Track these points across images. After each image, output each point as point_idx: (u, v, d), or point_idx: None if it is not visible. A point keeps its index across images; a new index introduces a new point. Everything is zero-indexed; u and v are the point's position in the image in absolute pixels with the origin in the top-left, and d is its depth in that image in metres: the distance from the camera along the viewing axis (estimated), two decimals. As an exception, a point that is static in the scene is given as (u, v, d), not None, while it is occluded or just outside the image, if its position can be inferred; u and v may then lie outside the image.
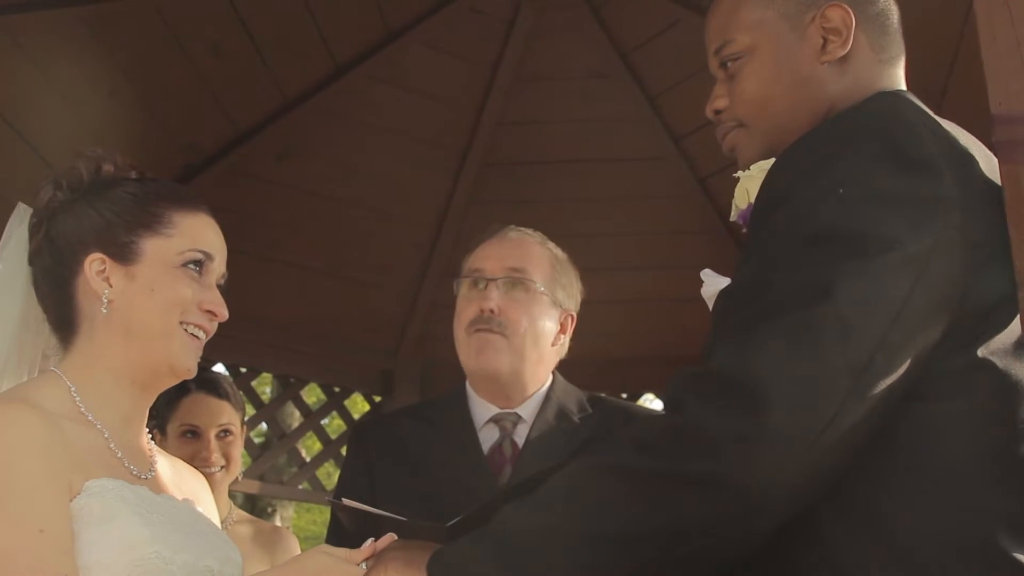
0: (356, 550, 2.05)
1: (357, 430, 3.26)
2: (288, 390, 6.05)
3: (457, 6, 4.89)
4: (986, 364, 1.77)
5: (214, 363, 5.68)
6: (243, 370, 5.75)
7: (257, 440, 6.30)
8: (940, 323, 1.74)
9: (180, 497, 2.25)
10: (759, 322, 1.70)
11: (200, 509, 2.29)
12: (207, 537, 2.17)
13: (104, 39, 4.20)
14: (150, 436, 2.30)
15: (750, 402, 1.64)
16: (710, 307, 1.98)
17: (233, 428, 3.79)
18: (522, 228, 3.06)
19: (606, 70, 5.10)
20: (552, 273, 2.99)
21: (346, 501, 2.36)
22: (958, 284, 1.74)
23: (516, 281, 2.94)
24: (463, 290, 3.01)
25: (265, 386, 9.18)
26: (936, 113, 1.92)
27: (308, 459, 6.04)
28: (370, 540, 2.06)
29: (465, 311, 2.98)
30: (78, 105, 4.35)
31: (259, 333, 5.41)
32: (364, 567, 2.02)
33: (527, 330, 2.92)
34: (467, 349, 2.96)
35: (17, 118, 4.22)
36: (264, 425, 6.41)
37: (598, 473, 1.76)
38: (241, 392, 5.67)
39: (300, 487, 5.99)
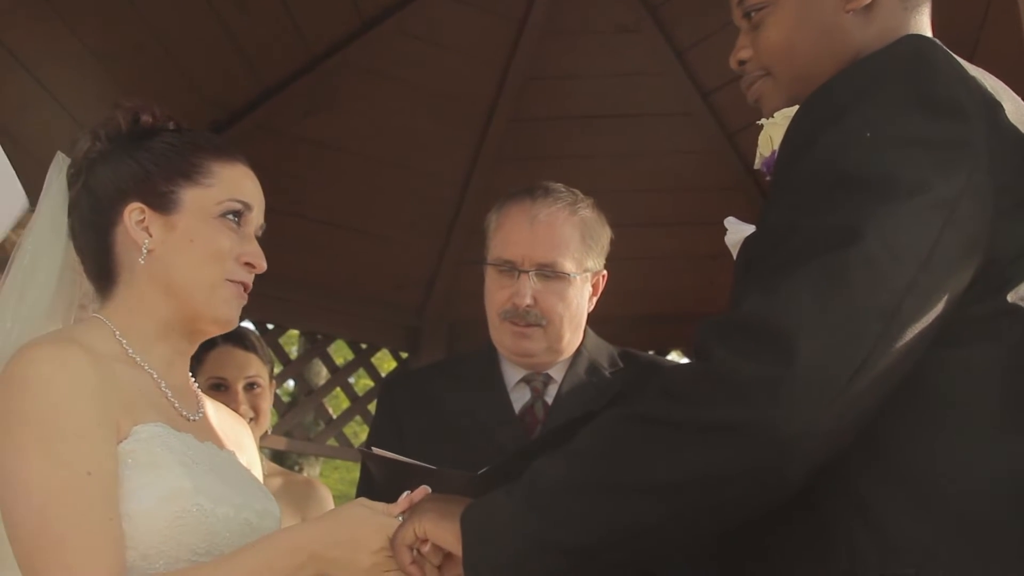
0: (393, 504, 2.05)
1: (386, 386, 3.25)
2: (315, 347, 6.07)
3: (485, -40, 4.87)
4: (1015, 309, 1.76)
5: (241, 320, 5.71)
6: (270, 327, 5.78)
7: (285, 399, 6.32)
8: (969, 268, 1.72)
9: (225, 443, 2.27)
10: (787, 267, 1.69)
11: (242, 458, 2.30)
12: (247, 489, 2.18)
13: (132, -6, 4.20)
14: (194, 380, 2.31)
15: (779, 347, 1.63)
16: (734, 255, 1.97)
17: (261, 380, 3.79)
18: (549, 191, 2.95)
19: (634, 24, 5.07)
20: (583, 246, 2.93)
21: (376, 450, 2.37)
22: (987, 229, 1.72)
23: (548, 274, 2.89)
24: (492, 273, 2.96)
25: (292, 345, 9.21)
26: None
27: (335, 416, 6.07)
28: (406, 493, 2.06)
29: (496, 295, 2.94)
30: (105, 60, 4.35)
31: (286, 290, 5.42)
32: (400, 519, 2.01)
33: (563, 315, 2.91)
34: (501, 335, 2.94)
35: (44, 74, 4.23)
36: (291, 382, 6.42)
37: (629, 423, 1.76)
38: (269, 349, 5.72)
39: (327, 444, 6.03)
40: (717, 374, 1.68)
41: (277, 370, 5.78)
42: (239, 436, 2.38)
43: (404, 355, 6.07)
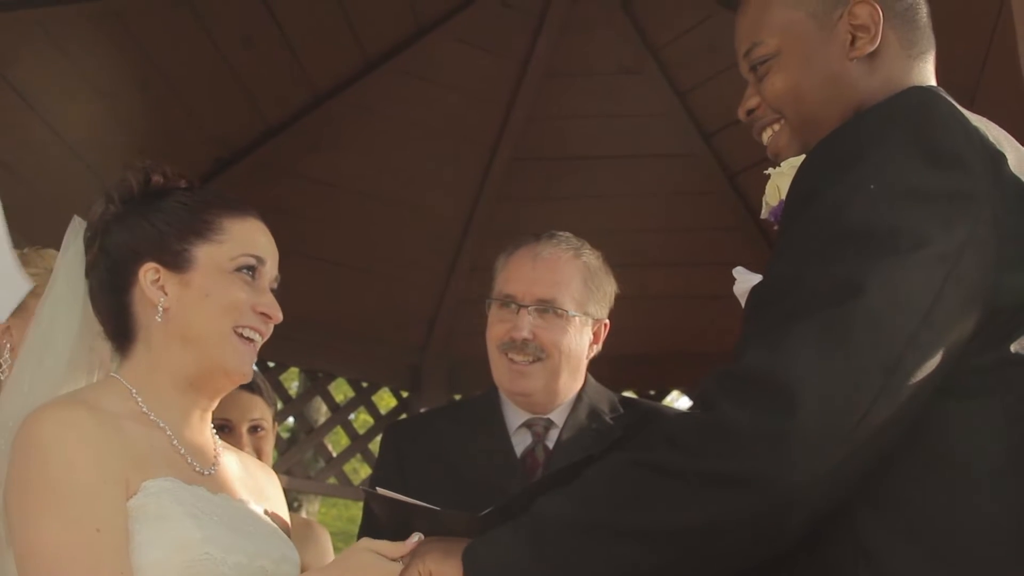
0: (400, 543, 2.06)
1: (390, 429, 3.25)
2: (315, 385, 6.06)
3: (488, 1, 4.89)
4: (1018, 359, 1.76)
5: (243, 357, 5.70)
6: (271, 364, 5.77)
7: (284, 435, 6.31)
8: (971, 319, 1.72)
9: (243, 493, 2.27)
10: (791, 320, 1.70)
11: (262, 506, 2.31)
12: (262, 537, 2.19)
13: (136, 32, 4.22)
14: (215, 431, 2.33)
15: (782, 401, 1.64)
16: (743, 304, 1.97)
17: (265, 423, 3.78)
18: (556, 236, 3.00)
19: (636, 66, 5.10)
20: (585, 290, 2.96)
21: (380, 490, 2.36)
22: (990, 280, 1.72)
23: (547, 310, 2.92)
24: (494, 309, 2.98)
25: (292, 381, 9.20)
26: (968, 110, 1.91)
27: (335, 454, 6.05)
28: (416, 535, 2.07)
29: (496, 329, 2.96)
30: (110, 98, 4.38)
31: (287, 328, 5.35)
32: (402, 563, 2.02)
33: (561, 353, 2.91)
34: (500, 370, 2.96)
35: (48, 112, 4.25)
36: (291, 420, 6.42)
37: (632, 469, 1.77)
38: (271, 390, 5.71)
39: (327, 482, 6.01)
40: (720, 426, 1.69)
41: (278, 408, 5.78)
42: (261, 484, 2.39)
43: (404, 394, 6.07)
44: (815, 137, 1.90)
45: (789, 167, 1.98)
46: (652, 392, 5.82)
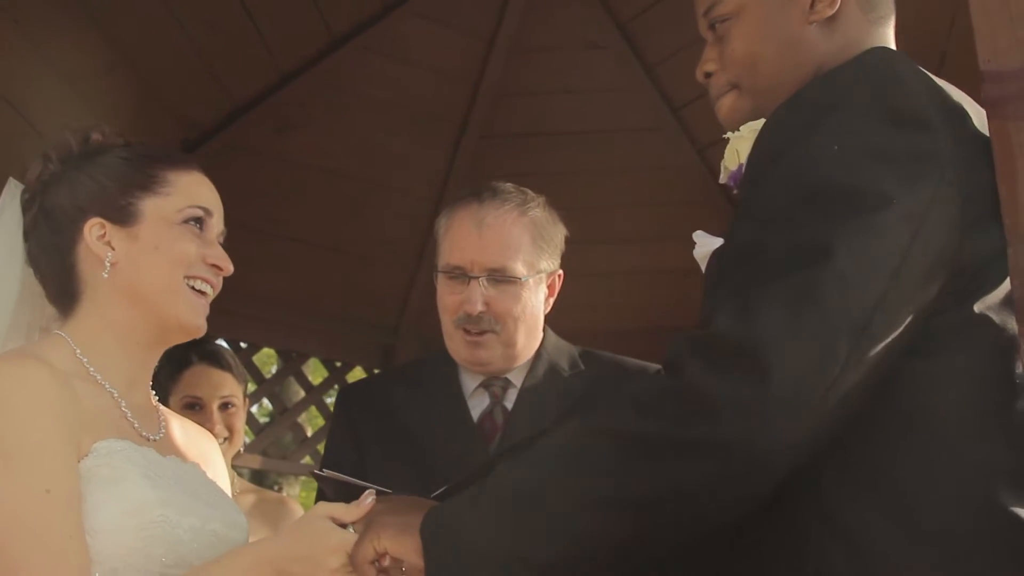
0: (354, 505, 2.02)
1: (342, 394, 3.17)
2: (289, 365, 6.05)
3: (452, -24, 4.88)
4: (982, 319, 1.76)
5: (215, 339, 5.70)
6: (243, 345, 5.77)
7: (262, 419, 6.32)
8: (938, 279, 1.73)
9: (189, 458, 2.26)
10: (758, 284, 1.69)
11: (209, 471, 2.30)
12: (214, 500, 2.19)
13: (100, 16, 4.20)
14: (156, 397, 2.31)
15: (752, 367, 1.62)
16: (703, 268, 1.97)
17: (235, 400, 3.79)
18: (498, 192, 2.89)
19: (603, 41, 5.10)
20: (535, 248, 2.87)
21: (327, 472, 2.35)
22: (954, 239, 1.72)
23: (499, 279, 2.83)
24: (443, 281, 2.90)
25: (272, 365, 9.18)
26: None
27: (310, 434, 6.06)
28: (369, 495, 2.03)
29: (447, 302, 2.89)
30: (76, 82, 4.35)
31: (259, 308, 5.43)
32: (352, 529, 2.00)
33: (518, 319, 2.84)
34: (455, 344, 2.89)
35: (16, 97, 4.22)
36: (267, 401, 6.42)
37: (596, 435, 1.74)
38: (243, 368, 5.71)
39: (302, 462, 6.01)
40: (690, 391, 1.67)
41: (252, 389, 5.78)
42: (205, 451, 2.37)
43: (378, 372, 6.07)
44: (772, 103, 1.90)
45: (749, 131, 1.97)
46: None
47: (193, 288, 2.19)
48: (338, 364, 6.11)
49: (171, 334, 2.22)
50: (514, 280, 2.83)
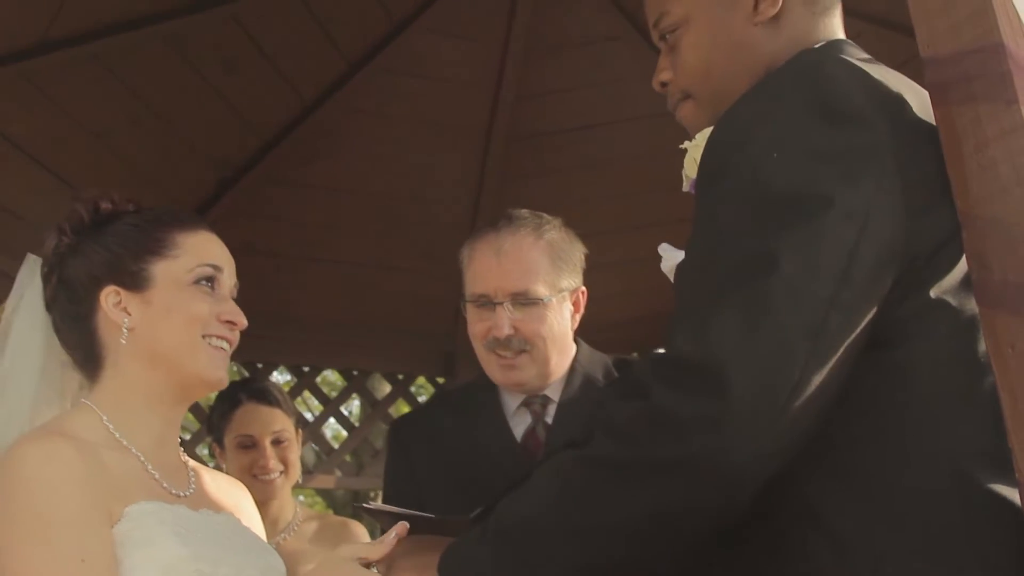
0: (378, 543, 2.10)
1: (393, 430, 3.29)
2: (352, 383, 6.14)
3: (457, -13, 4.91)
4: (940, 304, 1.77)
5: (276, 366, 5.83)
6: (306, 369, 5.87)
7: (335, 443, 6.43)
8: (891, 270, 1.74)
9: (222, 509, 2.33)
10: (711, 298, 1.71)
11: (243, 519, 2.38)
12: (248, 548, 2.25)
13: (120, 71, 4.31)
14: (182, 449, 2.38)
15: (712, 384, 1.64)
16: (671, 280, 2.00)
17: (287, 434, 3.90)
18: (513, 219, 2.99)
19: (616, 32, 5.09)
20: (554, 269, 2.96)
21: (372, 504, 2.42)
22: (901, 229, 1.73)
23: (522, 301, 2.92)
24: (471, 309, 2.99)
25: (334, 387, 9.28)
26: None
27: (380, 447, 6.15)
28: (393, 534, 2.09)
29: (477, 328, 2.98)
30: (105, 138, 4.47)
31: (315, 332, 5.53)
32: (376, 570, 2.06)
33: (547, 338, 2.94)
34: (490, 366, 2.99)
35: (50, 159, 4.35)
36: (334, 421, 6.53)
37: (578, 465, 1.79)
38: (307, 390, 5.83)
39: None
40: (655, 412, 1.70)
41: (318, 410, 5.90)
42: (237, 500, 2.45)
43: (441, 380, 6.14)
44: (726, 107, 1.91)
45: (703, 138, 1.98)
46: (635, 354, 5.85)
47: (210, 344, 2.26)
48: (400, 376, 6.19)
49: (193, 390, 2.31)
50: (537, 301, 2.93)
